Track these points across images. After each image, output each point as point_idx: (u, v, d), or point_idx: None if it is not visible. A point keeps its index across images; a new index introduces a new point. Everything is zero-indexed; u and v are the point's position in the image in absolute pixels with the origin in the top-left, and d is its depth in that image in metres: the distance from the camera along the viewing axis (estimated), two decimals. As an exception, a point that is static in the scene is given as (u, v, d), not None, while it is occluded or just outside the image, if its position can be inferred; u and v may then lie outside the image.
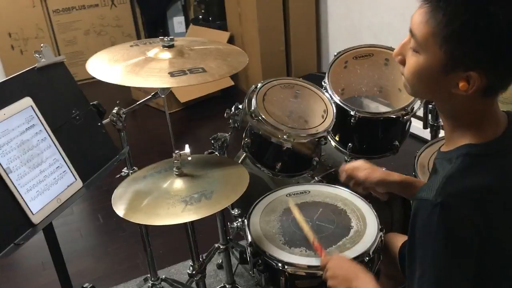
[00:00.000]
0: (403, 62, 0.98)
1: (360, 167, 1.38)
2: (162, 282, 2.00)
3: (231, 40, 4.20)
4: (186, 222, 1.37)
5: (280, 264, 1.41)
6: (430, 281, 0.90)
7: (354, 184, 1.39)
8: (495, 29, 0.82)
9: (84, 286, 1.45)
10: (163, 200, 1.35)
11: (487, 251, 0.90)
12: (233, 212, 1.90)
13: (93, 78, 1.42)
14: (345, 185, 1.70)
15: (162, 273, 2.27)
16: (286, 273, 1.41)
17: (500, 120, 0.96)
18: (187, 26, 4.78)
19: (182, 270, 2.35)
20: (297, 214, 1.49)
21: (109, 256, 2.51)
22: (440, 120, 2.04)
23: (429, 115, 2.03)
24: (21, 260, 2.51)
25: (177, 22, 4.94)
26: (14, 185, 1.14)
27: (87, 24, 4.71)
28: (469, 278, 0.91)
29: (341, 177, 1.42)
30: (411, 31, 0.93)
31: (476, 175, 0.91)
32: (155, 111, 3.96)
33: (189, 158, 1.41)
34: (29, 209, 1.16)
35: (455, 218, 0.88)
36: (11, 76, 1.24)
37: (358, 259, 1.41)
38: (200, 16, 4.52)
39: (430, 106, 1.99)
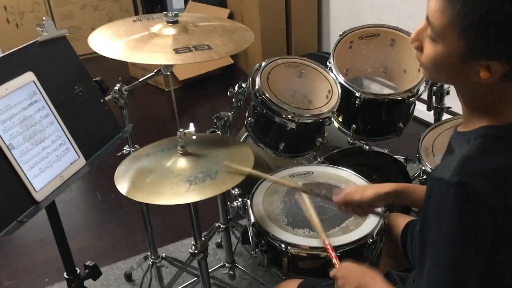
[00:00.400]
0: (420, 49, 0.95)
1: (350, 192, 1.34)
2: (162, 261, 2.00)
3: (230, 18, 4.14)
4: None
5: (283, 245, 1.40)
6: (443, 263, 0.89)
7: (353, 209, 1.36)
8: (500, 16, 0.80)
9: (86, 264, 1.44)
10: (167, 179, 1.33)
11: (501, 236, 0.89)
12: (233, 192, 1.89)
13: (90, 53, 1.40)
14: (349, 167, 1.70)
15: (161, 251, 2.26)
16: (289, 254, 1.41)
17: None
18: (186, 3, 4.70)
19: (181, 248, 2.35)
20: (309, 207, 1.46)
21: (108, 234, 2.51)
22: (444, 102, 2.03)
23: (433, 97, 2.02)
24: (20, 236, 2.50)
25: (176, -2, 4.86)
26: (16, 162, 1.11)
27: (84, -1, 4.63)
28: (482, 263, 0.90)
29: (340, 209, 1.39)
30: (428, 19, 0.90)
31: (494, 156, 0.89)
32: (153, 89, 3.92)
33: (194, 137, 1.38)
34: (32, 186, 1.14)
35: (471, 199, 0.86)
36: (12, 50, 1.21)
37: (362, 241, 1.41)
38: (200, -8, 4.45)
39: (435, 88, 1.98)
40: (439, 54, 0.90)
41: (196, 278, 2.00)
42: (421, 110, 2.09)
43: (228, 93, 1.80)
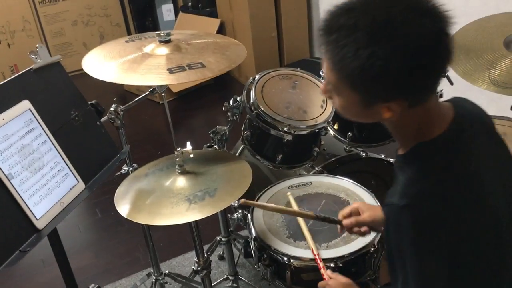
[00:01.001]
0: (331, 99, 1.00)
1: (359, 209, 1.37)
2: (166, 277, 2.00)
3: (221, 27, 4.15)
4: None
5: (285, 258, 1.41)
6: (412, 282, 0.92)
7: (361, 234, 1.39)
8: (389, 67, 0.83)
9: (89, 287, 1.44)
10: (167, 199, 1.34)
11: (461, 245, 0.91)
12: (233, 204, 1.89)
13: (83, 70, 1.40)
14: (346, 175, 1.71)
15: (163, 266, 2.27)
16: (292, 266, 1.41)
17: (445, 113, 0.97)
18: (176, 14, 4.71)
19: (183, 262, 2.36)
20: (300, 221, 1.48)
21: (109, 251, 2.51)
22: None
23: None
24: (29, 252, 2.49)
25: (166, 10, 4.87)
26: (16, 191, 1.12)
27: (74, 15, 4.63)
28: (450, 274, 0.92)
29: (349, 232, 1.41)
30: (327, 81, 0.95)
31: (433, 172, 0.93)
32: (147, 102, 3.92)
33: (191, 156, 1.39)
34: (33, 214, 1.14)
35: (422, 217, 0.89)
36: (7, 80, 1.21)
37: (364, 250, 1.41)
38: (190, 3, 4.46)
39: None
40: (343, 104, 0.95)
41: (200, 293, 2.00)
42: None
43: (224, 108, 1.81)
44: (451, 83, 1.93)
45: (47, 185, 1.20)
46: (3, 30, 4.36)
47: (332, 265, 1.39)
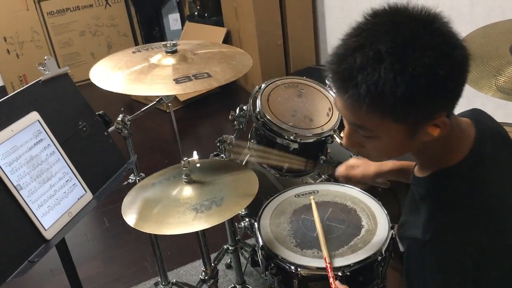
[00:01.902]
0: (362, 149, 0.95)
1: (354, 165, 1.41)
2: (173, 286, 2.00)
3: (227, 36, 4.18)
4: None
5: (293, 267, 1.41)
6: None
7: (354, 183, 1.45)
8: (432, 79, 0.80)
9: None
10: (173, 208, 1.35)
11: (484, 274, 0.91)
12: (240, 212, 1.90)
13: (91, 79, 1.42)
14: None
15: (171, 275, 2.27)
16: (299, 275, 1.41)
17: (466, 133, 0.95)
18: (182, 23, 4.74)
19: (191, 271, 2.36)
20: (318, 226, 1.49)
21: (117, 260, 2.52)
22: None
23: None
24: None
25: (173, 19, 4.90)
26: (25, 202, 1.13)
27: (82, 25, 4.67)
28: None
29: (340, 181, 1.44)
30: (353, 124, 0.90)
31: (458, 205, 0.91)
32: (155, 111, 3.94)
33: (198, 165, 1.40)
34: (41, 224, 1.15)
35: (447, 251, 0.89)
36: (16, 92, 1.23)
37: (371, 258, 1.41)
38: (196, 13, 4.49)
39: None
40: (385, 145, 0.90)
41: (207, 302, 2.00)
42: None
43: (230, 117, 1.82)
44: (458, 90, 1.93)
45: (55, 196, 1.21)
46: (12, 41, 4.41)
47: (339, 274, 1.38)
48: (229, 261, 2.29)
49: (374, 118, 0.85)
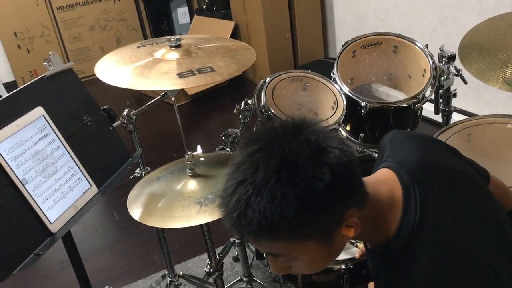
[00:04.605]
0: (292, 270, 0.93)
1: None
2: (180, 279, 2.02)
3: (236, 29, 4.17)
4: (201, 222, 1.37)
5: (296, 260, 1.41)
6: None
7: None
8: (305, 199, 0.79)
9: (105, 288, 1.47)
10: (178, 202, 1.36)
11: None
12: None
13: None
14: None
15: (179, 268, 2.29)
16: (303, 268, 1.42)
17: (391, 191, 0.93)
18: (191, 17, 4.75)
19: (198, 264, 2.37)
20: None
21: (126, 253, 2.54)
22: (452, 105, 2.02)
23: (440, 100, 2.01)
24: (40, 260, 2.51)
25: (181, 13, 4.91)
26: (31, 196, 1.15)
27: (91, 20, 4.70)
28: None
29: None
30: (271, 254, 0.90)
31: (420, 268, 0.88)
32: (162, 104, 3.93)
33: (202, 159, 1.41)
34: (47, 218, 1.17)
35: None
36: (21, 87, 1.24)
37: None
38: (204, 6, 4.49)
39: (441, 91, 1.98)
40: (309, 262, 0.90)
41: (214, 294, 2.02)
42: (430, 111, 2.09)
43: (235, 110, 1.82)
44: (465, 83, 1.91)
45: (60, 190, 1.22)
46: (22, 36, 4.46)
47: (343, 266, 1.39)
48: (236, 254, 2.30)
49: (282, 245, 0.84)
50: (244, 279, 2.09)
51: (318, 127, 0.86)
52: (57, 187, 1.22)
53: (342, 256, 1.40)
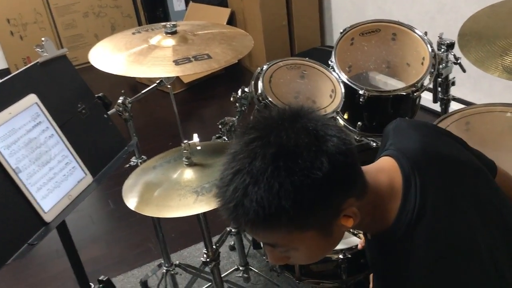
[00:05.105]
0: (290, 260, 0.92)
1: None
2: (176, 268, 2.01)
3: (232, 17, 4.13)
4: (198, 211, 1.36)
5: (294, 249, 1.40)
6: None
7: None
8: (303, 188, 0.77)
9: (99, 278, 1.45)
10: (174, 191, 1.34)
11: None
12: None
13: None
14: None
15: (175, 257, 2.29)
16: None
17: (391, 181, 0.91)
18: (186, 4, 4.69)
19: (194, 253, 2.37)
20: None
21: (121, 242, 2.53)
22: (450, 93, 2.00)
23: (439, 88, 2.00)
24: (36, 248, 2.49)
25: (177, 0, 4.85)
26: (24, 185, 1.12)
27: (85, 6, 4.64)
28: None
29: None
30: (269, 245, 0.88)
31: (419, 256, 0.87)
32: (158, 92, 3.92)
33: (198, 148, 1.39)
34: (41, 207, 1.15)
35: None
36: (14, 74, 1.21)
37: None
38: (200, -7, 4.44)
39: (440, 79, 1.96)
40: (307, 252, 0.88)
41: (210, 283, 2.01)
42: (428, 99, 2.07)
43: (232, 98, 1.80)
44: (464, 71, 1.90)
45: (54, 178, 1.20)
46: (15, 23, 4.39)
47: (341, 256, 1.38)
48: (232, 243, 2.29)
49: (280, 235, 0.83)
50: (240, 268, 2.08)
51: (316, 115, 0.84)
52: (51, 176, 1.20)
53: (340, 245, 1.39)
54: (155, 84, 1.68)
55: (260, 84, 1.72)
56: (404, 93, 1.79)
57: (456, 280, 0.86)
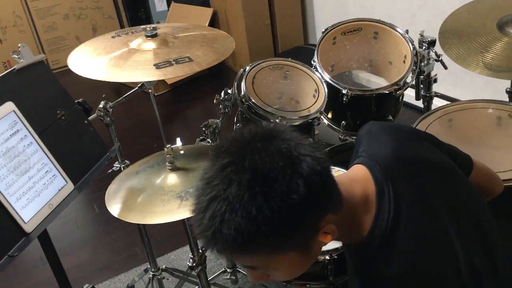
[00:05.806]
0: (270, 278, 0.92)
1: None
2: (163, 272, 2.00)
3: (214, 17, 4.11)
4: (183, 216, 1.35)
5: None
6: None
7: None
8: (281, 212, 0.77)
9: (83, 287, 1.43)
10: (158, 196, 1.32)
11: None
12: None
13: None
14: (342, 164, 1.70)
15: (161, 261, 2.27)
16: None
17: (365, 191, 0.92)
18: (168, 4, 4.65)
19: (182, 255, 2.35)
20: None
21: (107, 246, 2.50)
22: (432, 90, 2.01)
23: (421, 86, 2.00)
24: (20, 256, 2.48)
25: (158, 0, 4.81)
26: (3, 195, 1.10)
27: (65, 8, 4.57)
28: None
29: None
30: (251, 268, 0.88)
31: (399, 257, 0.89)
32: (141, 94, 3.87)
33: (182, 152, 1.37)
34: (21, 218, 1.12)
35: None
36: (-11, 82, 1.19)
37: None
38: (181, -7, 4.41)
39: (422, 77, 1.97)
40: (287, 271, 0.88)
41: (197, 287, 1.99)
42: (411, 96, 2.08)
43: (215, 100, 1.79)
44: (445, 68, 1.91)
45: (34, 188, 1.18)
46: (-6, 26, 4.32)
47: (327, 257, 1.38)
48: (219, 245, 2.28)
49: (260, 258, 0.83)
50: (228, 270, 2.07)
51: (289, 135, 0.84)
52: (30, 185, 1.17)
53: (326, 247, 1.38)
54: (137, 88, 1.66)
55: (243, 85, 1.70)
56: (387, 92, 1.79)
57: (432, 283, 0.87)
